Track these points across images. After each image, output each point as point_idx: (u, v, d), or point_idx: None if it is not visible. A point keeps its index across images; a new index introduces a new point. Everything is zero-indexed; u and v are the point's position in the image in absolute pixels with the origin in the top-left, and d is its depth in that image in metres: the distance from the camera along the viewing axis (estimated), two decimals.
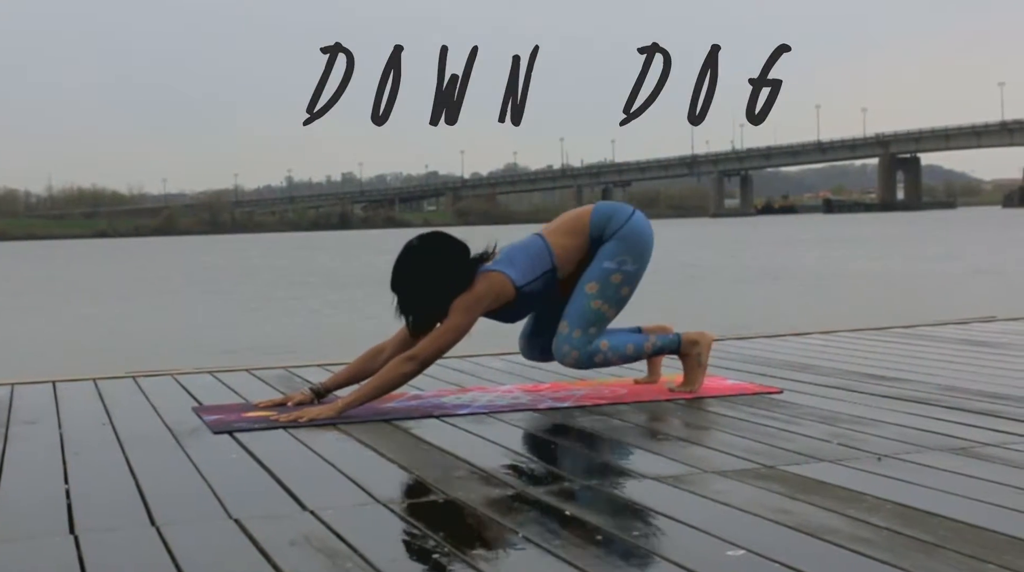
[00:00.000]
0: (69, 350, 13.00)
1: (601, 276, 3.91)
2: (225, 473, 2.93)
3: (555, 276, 3.92)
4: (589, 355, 3.91)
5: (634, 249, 3.94)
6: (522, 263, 3.88)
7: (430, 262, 3.81)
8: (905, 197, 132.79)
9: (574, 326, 3.89)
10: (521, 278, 3.84)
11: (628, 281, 3.94)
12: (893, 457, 2.86)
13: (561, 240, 3.96)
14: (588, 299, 3.90)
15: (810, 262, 28.72)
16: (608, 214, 3.99)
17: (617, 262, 3.91)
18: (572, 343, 3.89)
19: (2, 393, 4.45)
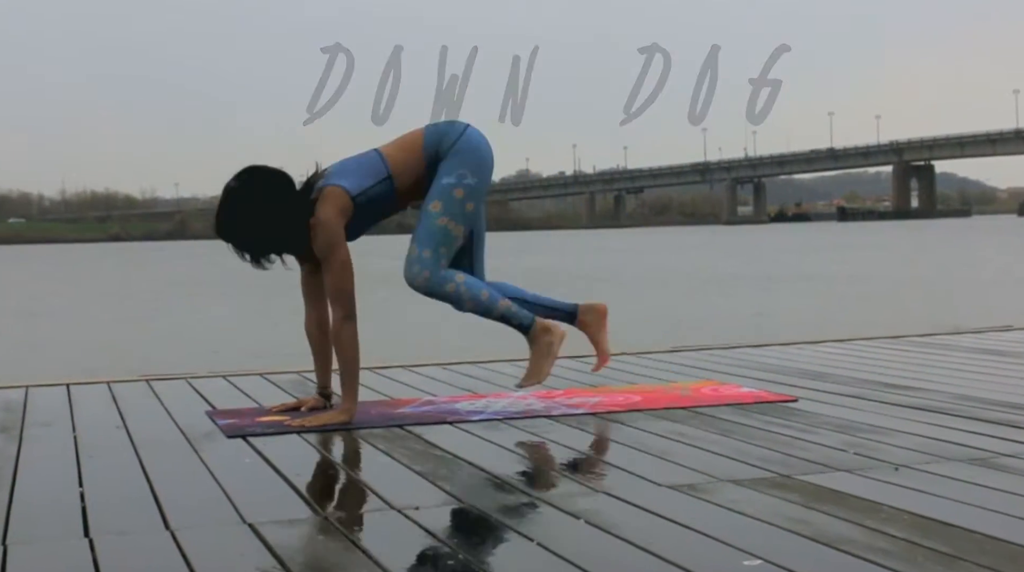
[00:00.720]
0: (83, 353, 13.03)
1: (443, 193, 3.80)
2: (239, 477, 2.92)
3: (392, 184, 3.81)
4: (441, 280, 3.77)
5: (471, 162, 3.84)
6: (354, 173, 3.80)
7: (254, 200, 3.73)
8: (919, 205, 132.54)
9: (423, 246, 3.78)
10: (356, 187, 3.76)
11: (471, 195, 3.82)
12: (910, 467, 2.84)
13: (395, 152, 3.87)
14: (433, 217, 3.79)
15: (824, 270, 28.65)
16: (441, 131, 3.88)
17: (456, 176, 3.81)
18: (423, 263, 3.77)
19: (16, 395, 4.46)
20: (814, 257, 36.90)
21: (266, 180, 3.77)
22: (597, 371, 4.18)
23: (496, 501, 2.58)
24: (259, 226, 3.73)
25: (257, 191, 3.74)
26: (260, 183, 3.76)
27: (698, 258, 38.33)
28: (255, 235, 3.75)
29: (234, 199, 3.75)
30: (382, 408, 3.94)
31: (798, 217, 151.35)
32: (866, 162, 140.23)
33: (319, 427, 3.57)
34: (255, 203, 3.72)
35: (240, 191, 3.75)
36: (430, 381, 4.66)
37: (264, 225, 3.73)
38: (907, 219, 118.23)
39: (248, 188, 3.75)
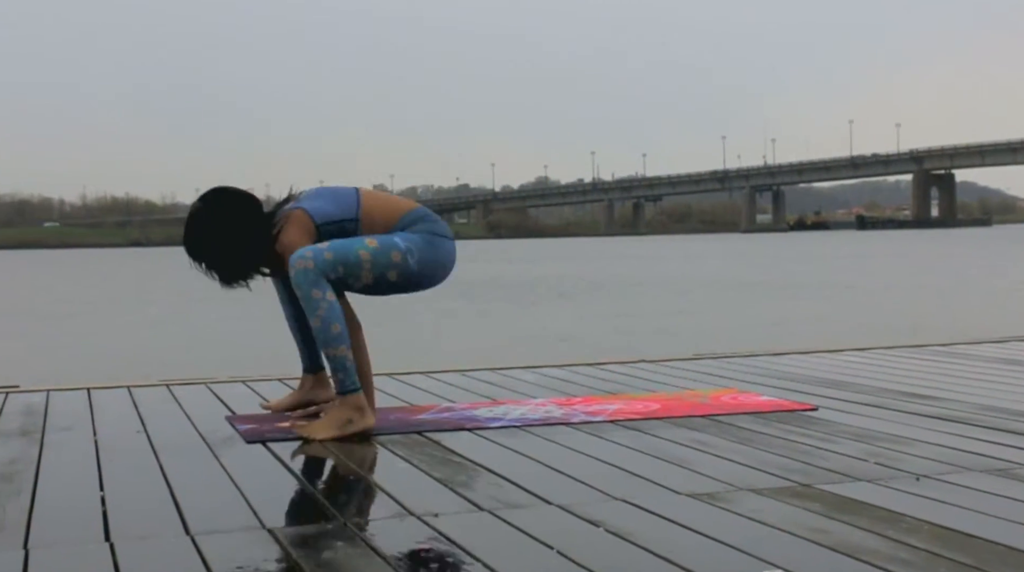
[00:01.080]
0: (103, 357, 13.08)
1: (387, 243, 3.72)
2: (259, 483, 2.93)
3: (356, 226, 3.76)
4: (315, 280, 3.58)
5: (427, 255, 3.76)
6: (324, 199, 3.78)
7: (219, 221, 3.74)
8: (939, 214, 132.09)
9: (332, 250, 3.63)
10: (319, 212, 3.73)
11: (403, 271, 3.71)
12: (932, 477, 2.82)
13: (373, 202, 3.83)
14: (361, 243, 3.69)
15: (843, 278, 28.55)
16: (427, 217, 3.85)
17: (406, 246, 3.72)
18: (316, 256, 3.60)
19: (38, 399, 4.48)
20: (833, 265, 36.79)
21: (231, 202, 3.79)
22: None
23: (515, 508, 2.58)
24: (224, 247, 3.75)
25: (222, 212, 3.76)
26: (225, 205, 3.78)
27: (717, 266, 38.24)
28: (221, 256, 3.77)
29: (199, 220, 3.77)
30: (401, 414, 3.94)
31: (817, 225, 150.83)
32: (886, 171, 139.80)
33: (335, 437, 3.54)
34: (219, 224, 3.75)
35: (205, 212, 3.77)
36: (449, 387, 4.66)
37: (228, 246, 3.75)
38: (927, 228, 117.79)
39: (213, 209, 3.77)
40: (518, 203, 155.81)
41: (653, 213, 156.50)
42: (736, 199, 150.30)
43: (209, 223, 3.76)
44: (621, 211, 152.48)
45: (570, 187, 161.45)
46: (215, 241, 3.76)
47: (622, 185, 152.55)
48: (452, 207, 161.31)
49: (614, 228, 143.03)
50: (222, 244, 3.75)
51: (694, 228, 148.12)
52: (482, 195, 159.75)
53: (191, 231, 3.77)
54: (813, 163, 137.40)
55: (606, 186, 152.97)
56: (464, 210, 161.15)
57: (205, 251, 3.77)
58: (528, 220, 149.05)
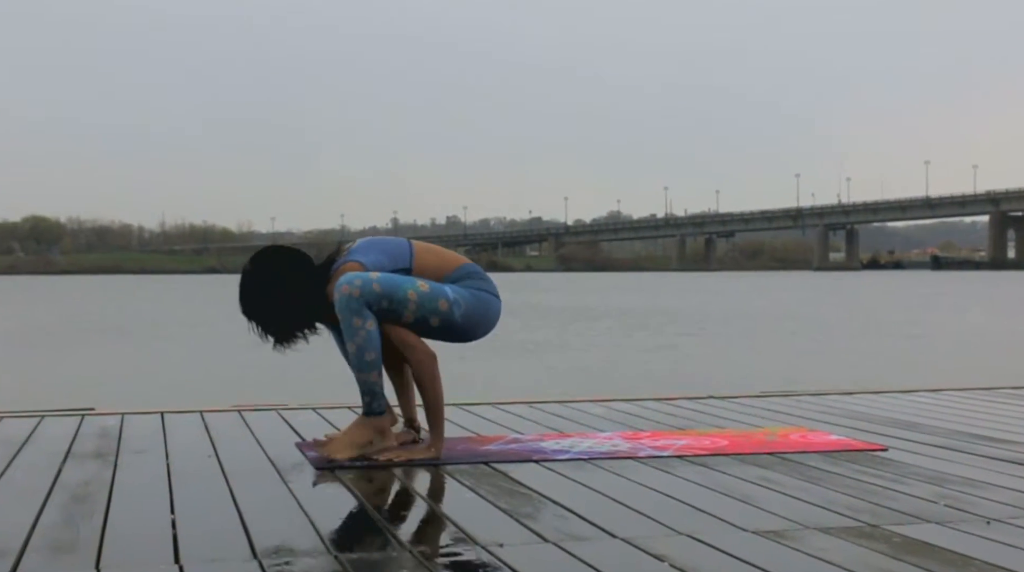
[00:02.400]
0: (177, 382, 13.26)
1: (437, 289, 3.74)
2: (326, 509, 2.96)
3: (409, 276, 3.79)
4: (359, 307, 3.61)
5: (474, 311, 3.79)
6: (376, 251, 3.81)
7: (272, 281, 3.77)
8: (1016, 255, 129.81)
9: (381, 281, 3.66)
10: (373, 263, 3.75)
11: (446, 320, 3.73)
12: (1003, 521, 2.78)
13: (426, 254, 3.87)
14: (412, 284, 3.70)
15: (916, 318, 28.17)
16: (477, 273, 3.89)
17: (455, 297, 3.75)
18: (364, 285, 3.62)
19: (112, 422, 4.56)
20: (906, 304, 36.31)
21: (281, 261, 3.83)
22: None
23: (580, 540, 2.58)
24: (278, 307, 3.79)
25: (273, 272, 3.81)
26: (276, 264, 3.82)
27: (788, 303, 37.89)
28: (276, 315, 3.80)
29: (251, 281, 3.81)
30: (468, 444, 3.96)
31: (891, 265, 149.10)
32: (962, 211, 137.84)
33: (405, 461, 3.61)
34: (272, 284, 3.79)
35: (256, 273, 3.82)
36: (517, 419, 4.67)
37: (282, 306, 3.79)
38: (1003, 270, 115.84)
39: (264, 270, 3.82)
40: (590, 237, 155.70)
41: (725, 249, 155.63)
42: (809, 237, 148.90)
43: (261, 284, 3.80)
44: (693, 246, 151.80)
45: (642, 222, 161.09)
46: (268, 302, 3.80)
47: (694, 221, 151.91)
48: (524, 240, 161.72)
49: (685, 263, 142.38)
50: (275, 304, 3.79)
51: (766, 265, 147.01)
52: (554, 228, 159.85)
53: (244, 293, 3.81)
54: (888, 202, 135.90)
55: (678, 221, 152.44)
56: (536, 243, 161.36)
57: (259, 312, 3.81)
58: (599, 254, 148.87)
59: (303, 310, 3.81)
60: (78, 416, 4.76)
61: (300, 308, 3.80)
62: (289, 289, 3.78)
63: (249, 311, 3.81)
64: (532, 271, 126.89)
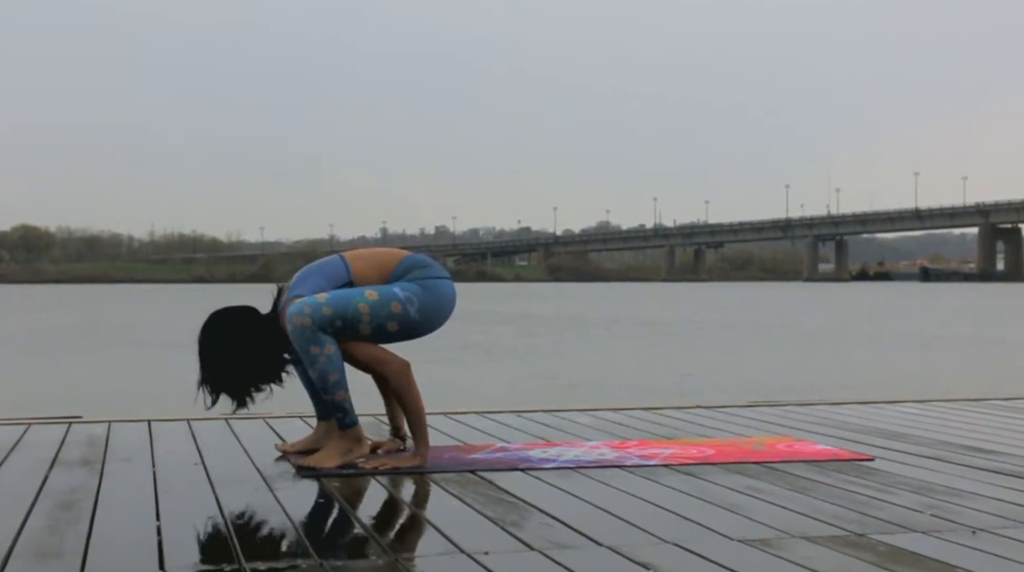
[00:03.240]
0: (165, 391, 13.21)
1: (386, 294, 3.74)
2: (312, 517, 2.96)
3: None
4: (313, 335, 3.63)
5: (428, 302, 3.79)
6: (315, 280, 3.80)
7: (223, 345, 3.79)
8: (1005, 268, 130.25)
9: (330, 302, 3.67)
10: (314, 292, 3.75)
11: (403, 320, 3.74)
12: (988, 531, 2.79)
13: (362, 266, 3.85)
14: (360, 296, 3.71)
15: (905, 330, 28.23)
16: (419, 263, 3.87)
17: (405, 296, 3.75)
18: (313, 312, 3.64)
19: (99, 430, 4.55)
20: (895, 316, 36.39)
21: (226, 323, 3.83)
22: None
23: (566, 549, 2.58)
24: (238, 366, 3.79)
25: (222, 336, 3.81)
26: (221, 328, 3.83)
27: (778, 313, 37.95)
28: (239, 376, 3.81)
29: (205, 352, 3.81)
30: (455, 453, 3.96)
31: (880, 276, 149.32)
32: (951, 223, 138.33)
33: (392, 469, 3.61)
34: (224, 348, 3.79)
35: (207, 343, 3.81)
36: (504, 428, 4.67)
37: (243, 364, 3.79)
38: (992, 282, 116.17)
39: (212, 337, 3.81)
40: (579, 247, 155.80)
41: (714, 260, 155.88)
42: (798, 248, 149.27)
43: (214, 350, 3.79)
44: (682, 257, 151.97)
45: (631, 232, 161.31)
46: (227, 364, 3.79)
47: (684, 231, 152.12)
48: (513, 249, 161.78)
49: (675, 274, 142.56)
50: (234, 364, 3.79)
51: (755, 275, 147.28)
52: (543, 238, 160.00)
53: (203, 364, 3.79)
54: (877, 214, 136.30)
55: (668, 232, 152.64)
56: (525, 253, 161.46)
57: (223, 376, 3.80)
58: (588, 264, 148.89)
59: (262, 363, 3.82)
60: (65, 424, 4.75)
61: (257, 362, 3.81)
62: (243, 348, 3.79)
63: (212, 380, 3.79)
64: (521, 281, 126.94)
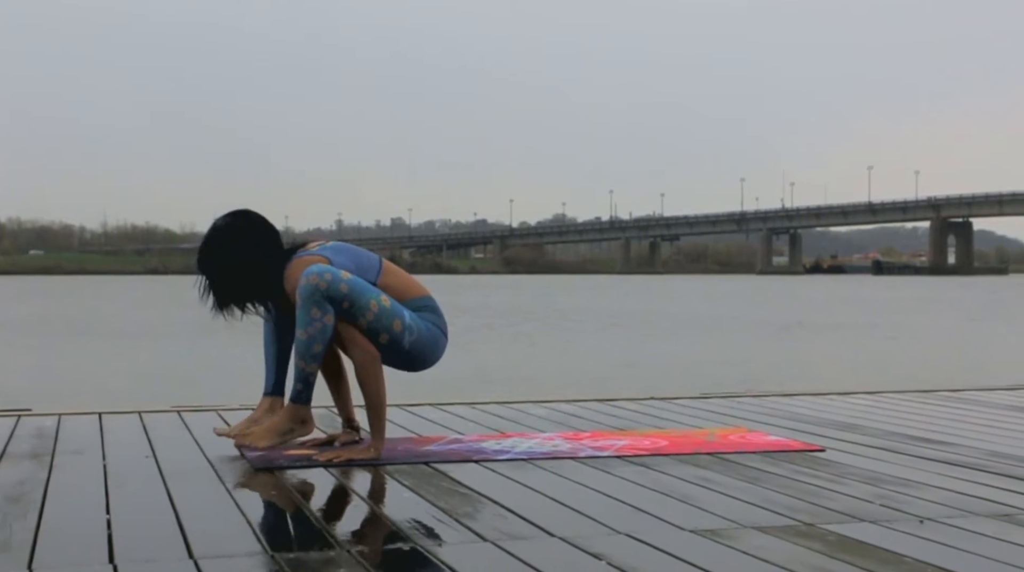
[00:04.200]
0: (116, 383, 13.11)
1: (398, 310, 3.73)
2: (264, 510, 2.94)
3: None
4: (321, 299, 3.60)
5: (422, 344, 3.78)
6: (345, 259, 3.79)
7: (239, 243, 3.78)
8: (956, 261, 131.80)
9: (351, 282, 3.64)
10: (338, 267, 3.73)
11: (394, 340, 3.72)
12: (936, 521, 2.82)
13: (392, 278, 3.85)
14: (377, 295, 3.70)
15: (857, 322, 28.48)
16: (437, 309, 3.90)
17: (410, 323, 3.75)
18: (333, 281, 3.61)
19: (49, 423, 4.51)
20: (848, 309, 36.70)
21: (256, 226, 3.83)
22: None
23: (518, 540, 2.58)
24: (234, 270, 3.78)
25: (243, 235, 3.80)
26: (249, 227, 3.82)
27: (731, 306, 38.16)
28: (226, 278, 3.79)
29: (219, 237, 3.80)
30: (409, 445, 3.95)
31: (833, 269, 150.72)
32: (903, 217, 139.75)
33: (345, 461, 3.60)
34: (237, 246, 3.78)
35: (226, 231, 3.81)
36: (458, 420, 4.67)
37: (243, 268, 3.78)
38: (943, 275, 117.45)
39: (235, 230, 3.81)
40: (535, 239, 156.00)
41: (670, 253, 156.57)
42: (753, 241, 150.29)
43: (228, 242, 3.79)
44: (638, 250, 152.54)
45: (587, 225, 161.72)
46: (227, 261, 3.78)
47: (639, 224, 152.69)
48: (469, 241, 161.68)
49: (630, 266, 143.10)
50: (233, 266, 3.78)
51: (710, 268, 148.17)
52: (499, 230, 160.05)
53: (208, 245, 3.80)
54: (831, 207, 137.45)
55: (623, 225, 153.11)
56: (481, 245, 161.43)
57: (214, 268, 3.80)
58: (544, 256, 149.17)
59: (254, 281, 3.78)
60: (14, 417, 4.69)
61: (252, 278, 3.78)
62: (250, 255, 3.77)
63: (205, 263, 3.79)
64: (477, 273, 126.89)
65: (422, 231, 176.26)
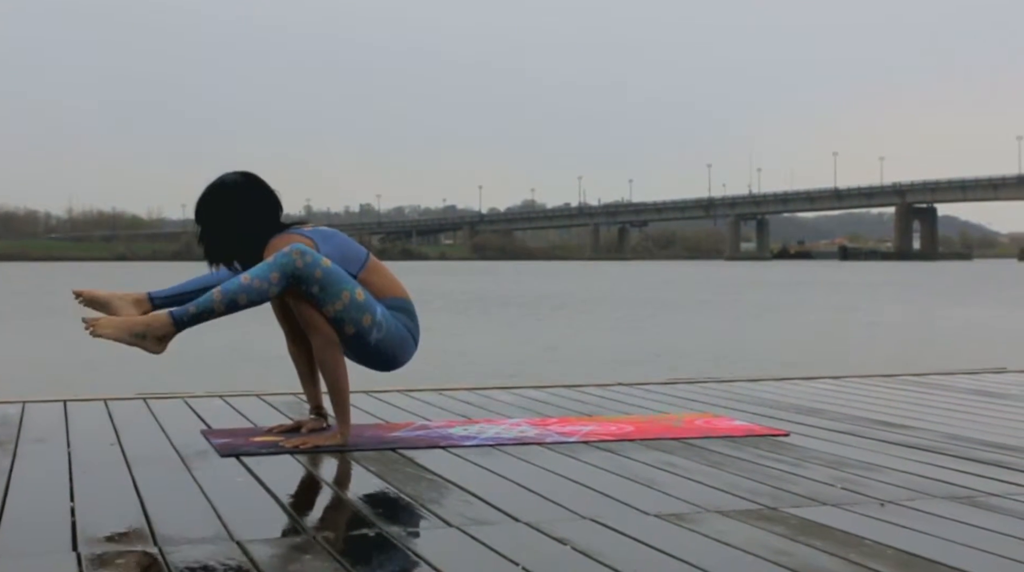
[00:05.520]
0: (81, 371, 13.03)
1: (371, 305, 3.71)
2: (230, 496, 2.94)
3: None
4: (285, 275, 3.57)
5: (390, 344, 3.77)
6: (331, 247, 3.79)
7: (244, 201, 3.80)
8: (921, 247, 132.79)
9: (326, 271, 3.62)
10: (323, 253, 3.73)
11: (360, 333, 3.70)
12: (897, 503, 2.85)
13: (375, 275, 3.84)
14: (351, 287, 3.68)
15: (822, 307, 28.66)
16: (413, 314, 3.90)
17: (381, 320, 3.73)
18: (309, 264, 3.60)
19: (12, 411, 4.48)
20: (813, 294, 36.91)
21: (262, 193, 3.85)
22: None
23: (483, 525, 2.60)
24: (230, 227, 3.78)
25: (250, 195, 3.82)
26: (256, 191, 3.84)
27: (698, 291, 38.32)
28: (223, 231, 3.79)
29: (226, 190, 3.81)
30: (376, 431, 3.95)
31: (800, 255, 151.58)
32: (869, 203, 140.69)
33: (312, 448, 3.60)
34: (242, 203, 3.80)
35: (235, 186, 3.81)
36: (425, 406, 4.68)
37: (234, 229, 3.78)
38: (908, 260, 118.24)
39: (244, 188, 3.82)
40: (504, 225, 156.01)
41: (638, 239, 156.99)
42: (721, 227, 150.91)
43: (235, 197, 3.80)
44: (606, 236, 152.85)
45: (556, 211, 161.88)
46: (223, 218, 3.78)
47: (608, 210, 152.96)
48: (439, 228, 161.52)
49: (599, 252, 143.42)
50: (226, 224, 3.78)
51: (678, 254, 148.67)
52: (469, 217, 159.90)
53: (213, 195, 3.81)
54: (798, 193, 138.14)
55: (592, 211, 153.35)
56: (451, 231, 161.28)
57: (213, 219, 3.79)
58: (514, 242, 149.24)
59: (247, 239, 3.78)
60: None
61: (246, 236, 3.77)
62: (250, 216, 3.78)
63: (204, 212, 3.80)
64: (446, 259, 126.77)
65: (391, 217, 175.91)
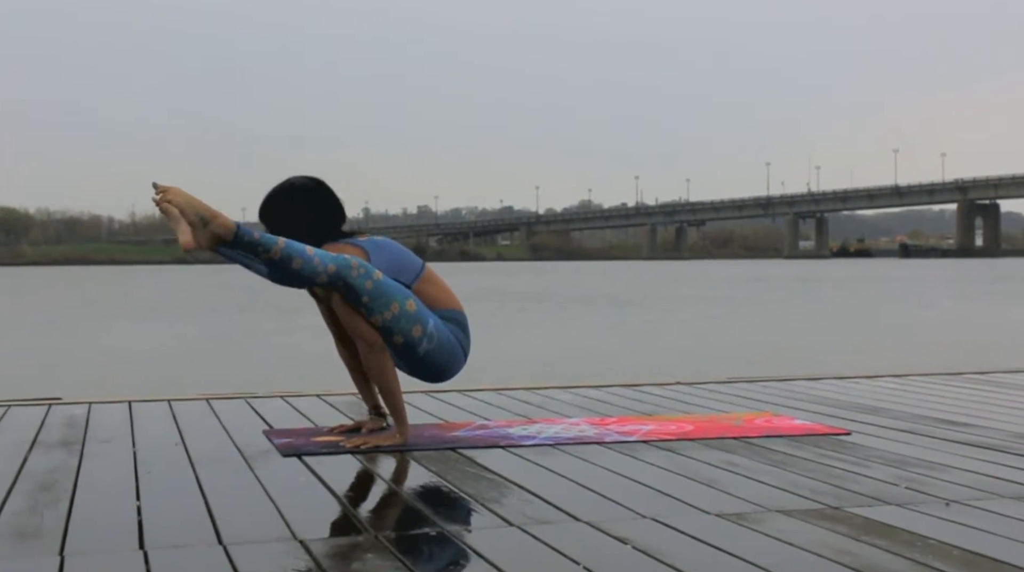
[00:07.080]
0: (146, 372, 13.21)
1: (422, 316, 3.73)
2: (292, 496, 2.96)
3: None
4: (342, 277, 3.59)
5: (440, 354, 3.78)
6: (384, 259, 3.79)
7: (312, 205, 3.83)
8: (983, 243, 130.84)
9: (378, 284, 3.65)
10: (376, 263, 3.74)
11: (408, 344, 3.72)
12: (962, 503, 2.82)
13: (429, 286, 3.85)
14: (403, 298, 3.70)
15: (885, 305, 28.35)
16: (466, 326, 3.90)
17: (432, 331, 3.74)
18: (361, 277, 3.62)
19: (79, 411, 4.55)
20: (875, 292, 36.53)
21: (328, 200, 3.88)
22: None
23: (544, 524, 2.60)
24: (290, 229, 3.78)
25: (318, 200, 3.85)
26: (324, 197, 3.87)
27: (758, 290, 38.06)
28: (289, 232, 3.77)
29: (297, 191, 3.84)
30: (435, 431, 3.97)
31: (860, 253, 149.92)
32: (930, 200, 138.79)
33: (373, 448, 3.62)
34: (309, 206, 3.83)
35: (307, 189, 3.85)
36: (484, 405, 4.69)
37: (294, 231, 3.77)
38: (971, 257, 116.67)
39: (315, 192, 3.86)
40: (561, 226, 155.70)
41: (696, 238, 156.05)
42: (779, 225, 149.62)
43: (304, 201, 3.83)
44: (664, 235, 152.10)
45: (613, 211, 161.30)
46: (295, 219, 3.80)
47: (665, 210, 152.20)
48: (495, 229, 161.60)
49: (656, 252, 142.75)
50: (299, 225, 3.79)
51: (736, 253, 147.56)
52: (525, 217, 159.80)
53: (284, 196, 3.84)
54: (857, 191, 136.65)
55: (649, 210, 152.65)
56: (507, 232, 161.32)
57: (278, 220, 3.81)
58: (571, 243, 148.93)
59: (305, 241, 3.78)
60: (45, 405, 4.75)
61: (304, 238, 3.77)
62: (313, 220, 3.82)
63: (271, 208, 3.84)
64: (503, 260, 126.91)
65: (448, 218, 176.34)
